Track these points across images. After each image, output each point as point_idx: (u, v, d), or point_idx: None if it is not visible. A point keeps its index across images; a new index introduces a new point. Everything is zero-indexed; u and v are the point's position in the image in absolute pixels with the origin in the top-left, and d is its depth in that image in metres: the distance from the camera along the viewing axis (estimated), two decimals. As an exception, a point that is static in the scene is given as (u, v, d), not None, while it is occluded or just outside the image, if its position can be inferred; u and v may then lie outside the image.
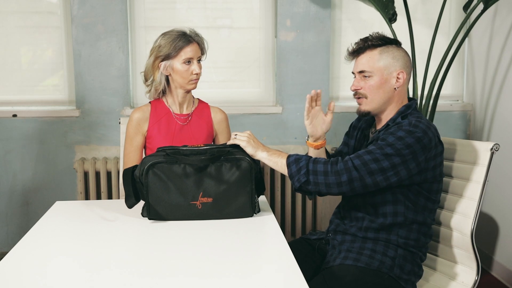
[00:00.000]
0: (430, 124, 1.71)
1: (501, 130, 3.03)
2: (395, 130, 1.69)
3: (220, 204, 1.78)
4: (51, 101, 3.24)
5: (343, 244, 1.81)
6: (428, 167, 1.70)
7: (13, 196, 3.22)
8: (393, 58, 1.77)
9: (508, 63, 2.95)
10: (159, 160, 1.76)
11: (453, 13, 3.36)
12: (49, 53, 3.23)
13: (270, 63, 3.30)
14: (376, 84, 1.77)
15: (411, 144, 1.64)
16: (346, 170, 1.63)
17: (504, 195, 2.95)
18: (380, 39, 1.78)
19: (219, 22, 3.28)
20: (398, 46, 1.81)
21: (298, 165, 1.70)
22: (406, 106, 1.80)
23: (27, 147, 3.19)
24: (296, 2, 3.19)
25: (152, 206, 1.77)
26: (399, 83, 1.77)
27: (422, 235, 1.79)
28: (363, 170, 1.62)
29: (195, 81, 2.14)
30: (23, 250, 1.53)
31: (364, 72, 1.78)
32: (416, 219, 1.76)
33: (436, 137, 1.71)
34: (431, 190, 1.76)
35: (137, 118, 2.18)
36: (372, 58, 1.77)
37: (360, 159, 1.64)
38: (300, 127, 3.28)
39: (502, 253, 2.99)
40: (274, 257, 1.51)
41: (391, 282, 1.70)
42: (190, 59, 2.09)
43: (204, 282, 1.31)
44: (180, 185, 1.77)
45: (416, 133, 1.65)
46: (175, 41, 2.08)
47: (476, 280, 1.80)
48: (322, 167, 1.66)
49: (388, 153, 1.63)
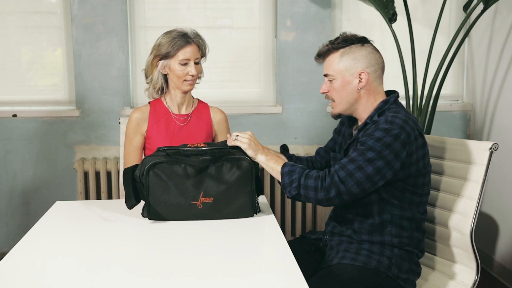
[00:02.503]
0: (408, 118, 1.69)
1: (501, 130, 3.03)
2: (372, 130, 1.68)
3: (220, 204, 1.78)
4: (51, 101, 3.24)
5: (341, 245, 1.81)
6: (411, 162, 1.69)
7: (13, 196, 3.22)
8: (354, 60, 1.76)
9: (508, 63, 2.95)
10: (159, 160, 1.76)
11: (453, 13, 3.36)
12: (49, 53, 3.23)
13: (270, 63, 3.31)
14: (338, 86, 1.78)
15: (390, 143, 1.63)
16: (333, 185, 1.63)
17: (504, 194, 2.95)
18: (343, 41, 1.78)
19: (219, 22, 3.28)
20: (363, 44, 1.79)
21: (291, 177, 1.70)
22: (383, 101, 1.78)
23: (27, 147, 3.19)
24: (296, 2, 3.19)
25: (152, 206, 1.77)
26: (362, 84, 1.76)
27: (415, 231, 1.78)
28: (350, 181, 1.62)
29: (190, 83, 2.12)
30: (23, 250, 1.53)
31: (328, 75, 1.80)
32: (404, 215, 1.75)
33: (415, 130, 1.69)
34: (416, 184, 1.74)
35: (136, 118, 2.18)
36: (333, 61, 1.78)
37: (345, 170, 1.63)
38: (300, 127, 3.28)
39: (501, 252, 2.99)
40: (274, 258, 1.51)
41: (389, 281, 1.70)
42: (187, 60, 2.08)
43: (204, 282, 1.32)
44: (180, 185, 1.77)
45: (393, 130, 1.64)
46: (174, 40, 2.07)
47: (476, 280, 1.81)
48: (313, 183, 1.66)
49: (370, 158, 1.62)
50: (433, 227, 1.96)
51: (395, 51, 2.91)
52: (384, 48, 3.35)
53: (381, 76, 1.81)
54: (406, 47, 2.93)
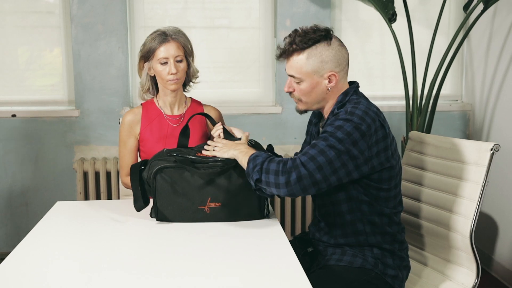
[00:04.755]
0: (369, 109, 1.63)
1: (500, 130, 3.03)
2: (332, 120, 1.63)
3: (228, 209, 1.77)
4: (50, 101, 3.23)
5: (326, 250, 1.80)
6: (372, 155, 1.61)
7: (12, 196, 3.22)
8: (322, 62, 1.66)
9: (507, 63, 2.96)
10: (167, 165, 1.75)
11: (453, 13, 3.36)
12: (48, 53, 3.22)
13: (270, 63, 3.30)
14: (307, 89, 1.70)
15: (350, 132, 1.56)
16: (294, 168, 1.54)
17: (503, 195, 2.96)
18: (306, 42, 1.66)
19: (218, 22, 3.28)
20: (328, 42, 1.68)
21: (255, 162, 1.61)
22: (343, 94, 1.72)
23: (26, 147, 3.18)
24: (295, 2, 3.19)
25: (160, 209, 1.77)
26: (332, 84, 1.69)
27: (387, 226, 1.73)
28: (311, 165, 1.53)
29: (174, 81, 2.05)
30: (25, 251, 1.53)
31: (294, 77, 1.70)
32: (373, 211, 1.71)
33: (377, 122, 1.62)
34: (382, 179, 1.68)
35: (129, 121, 2.16)
36: (299, 63, 1.67)
37: (306, 155, 1.55)
38: (299, 127, 3.28)
39: (501, 253, 2.99)
40: (278, 260, 1.51)
41: (378, 279, 1.69)
42: (165, 59, 2.03)
43: (204, 283, 1.31)
44: (188, 190, 1.76)
45: (353, 120, 1.58)
46: (153, 39, 2.04)
47: (476, 282, 1.80)
48: (275, 166, 1.56)
49: (331, 144, 1.55)
50: (432, 227, 1.96)
51: (395, 51, 2.91)
52: (383, 48, 3.35)
53: (348, 70, 1.75)
54: (406, 48, 2.93)
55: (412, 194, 2.07)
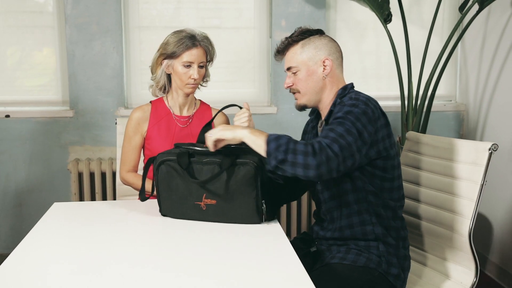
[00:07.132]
0: (370, 98, 1.73)
1: (494, 130, 3.05)
2: (339, 108, 1.68)
3: (223, 208, 1.76)
4: (44, 101, 3.21)
5: (330, 248, 1.81)
6: (377, 138, 1.69)
7: (6, 197, 3.19)
8: (316, 48, 1.79)
9: (501, 64, 2.98)
10: (168, 158, 1.77)
11: (447, 14, 3.38)
12: (43, 53, 3.20)
13: (265, 63, 3.30)
14: (304, 76, 1.79)
15: (359, 116, 1.63)
16: (323, 150, 1.54)
17: (498, 195, 2.98)
18: (300, 34, 1.81)
19: (213, 22, 3.27)
20: (320, 35, 1.82)
21: (278, 142, 1.60)
22: (342, 88, 1.80)
23: (20, 148, 3.16)
24: (291, 2, 3.19)
25: (161, 202, 1.80)
26: (327, 71, 1.79)
27: (392, 220, 1.77)
28: (335, 146, 1.55)
29: (192, 86, 2.11)
30: (25, 252, 1.51)
31: (291, 68, 1.81)
32: (379, 202, 1.74)
33: (378, 110, 1.71)
34: (386, 168, 1.73)
35: (137, 117, 2.16)
36: (295, 53, 1.80)
37: (328, 138, 1.57)
38: (295, 127, 3.28)
39: (496, 252, 3.01)
40: (279, 258, 1.51)
41: (381, 279, 1.70)
42: (190, 63, 2.07)
43: (204, 283, 1.31)
44: (185, 185, 1.76)
45: (359, 105, 1.66)
46: (181, 41, 2.06)
47: (475, 281, 1.81)
48: (303, 147, 1.56)
49: (347, 128, 1.59)
50: (431, 227, 1.97)
51: (390, 52, 2.92)
52: (379, 49, 3.37)
53: (342, 64, 1.85)
54: (401, 48, 2.94)
55: (410, 194, 2.07)
